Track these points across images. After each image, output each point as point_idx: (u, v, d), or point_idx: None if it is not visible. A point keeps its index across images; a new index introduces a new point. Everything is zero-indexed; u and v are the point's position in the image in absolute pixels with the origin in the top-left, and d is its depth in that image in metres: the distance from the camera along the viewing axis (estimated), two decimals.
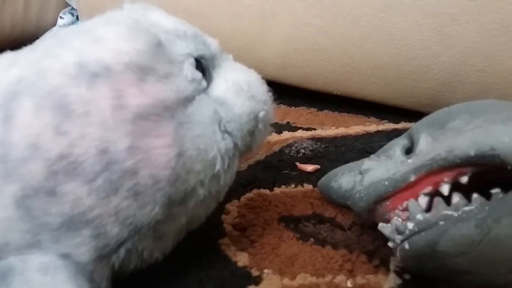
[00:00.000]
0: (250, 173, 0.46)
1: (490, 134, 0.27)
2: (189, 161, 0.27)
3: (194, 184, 0.28)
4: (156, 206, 0.26)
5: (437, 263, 0.27)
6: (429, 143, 0.31)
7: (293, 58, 0.66)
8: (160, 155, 0.26)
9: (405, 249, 0.28)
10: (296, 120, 0.62)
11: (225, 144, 0.29)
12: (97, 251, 0.25)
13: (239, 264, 0.33)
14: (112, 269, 0.27)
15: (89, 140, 0.24)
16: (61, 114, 0.24)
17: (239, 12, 0.67)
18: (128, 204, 0.25)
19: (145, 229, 0.27)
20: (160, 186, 0.26)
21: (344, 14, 0.59)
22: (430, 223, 0.27)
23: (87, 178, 0.24)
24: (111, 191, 0.25)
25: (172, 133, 0.26)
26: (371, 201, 0.33)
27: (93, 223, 0.25)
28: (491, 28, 0.51)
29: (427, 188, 0.30)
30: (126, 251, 0.27)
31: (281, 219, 0.39)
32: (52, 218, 0.24)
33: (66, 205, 0.24)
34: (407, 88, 0.59)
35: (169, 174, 0.26)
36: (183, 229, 0.30)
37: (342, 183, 0.39)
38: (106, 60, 0.26)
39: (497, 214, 0.25)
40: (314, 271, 0.33)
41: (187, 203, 0.28)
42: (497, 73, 0.52)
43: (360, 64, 0.61)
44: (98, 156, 0.24)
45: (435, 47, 0.54)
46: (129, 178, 0.25)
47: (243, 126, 0.30)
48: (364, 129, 0.59)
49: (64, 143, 0.24)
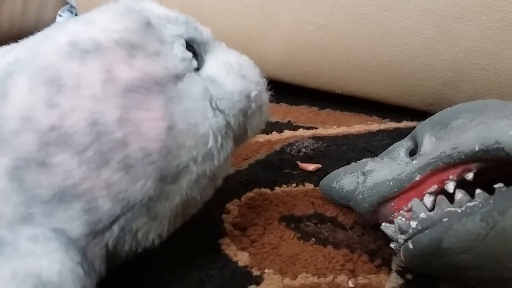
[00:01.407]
0: (251, 172, 0.46)
1: (494, 128, 0.27)
2: (180, 136, 0.27)
3: (186, 161, 0.28)
4: (148, 181, 0.26)
5: (443, 261, 0.27)
6: (433, 143, 0.31)
7: (295, 57, 0.65)
8: (150, 127, 0.26)
9: (409, 248, 0.28)
10: (297, 119, 0.62)
11: (217, 121, 0.29)
12: (89, 226, 0.25)
13: (240, 263, 0.33)
14: (106, 249, 0.27)
15: (79, 112, 0.25)
16: (53, 88, 0.25)
17: (241, 10, 0.67)
18: (120, 178, 0.25)
19: (138, 206, 0.27)
20: (151, 159, 0.26)
21: (346, 12, 0.58)
22: (434, 220, 0.27)
23: (77, 149, 0.25)
24: (102, 162, 0.25)
25: (161, 106, 0.27)
26: (375, 202, 0.32)
27: (84, 196, 0.25)
28: (494, 27, 0.50)
29: (432, 187, 0.30)
30: (120, 228, 0.27)
31: (282, 218, 0.39)
32: (43, 190, 0.25)
33: (58, 177, 0.25)
34: (410, 87, 0.59)
35: (160, 147, 0.26)
36: (179, 211, 0.30)
37: (344, 184, 0.38)
38: (97, 38, 0.27)
39: (502, 206, 0.25)
40: (316, 271, 0.33)
41: (180, 181, 0.28)
42: (499, 71, 0.52)
43: (362, 62, 0.60)
44: (88, 128, 0.25)
45: (438, 46, 0.54)
46: (119, 150, 0.25)
47: (235, 105, 0.30)
48: (366, 128, 0.58)
49: (55, 115, 0.25)
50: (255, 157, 0.50)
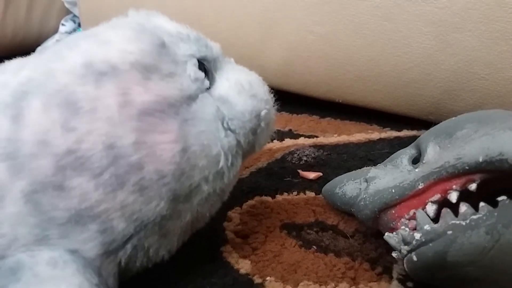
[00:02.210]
0: (252, 180, 0.46)
1: (498, 140, 0.27)
2: (193, 157, 0.27)
3: (198, 180, 0.28)
4: (162, 201, 0.27)
5: (447, 273, 0.27)
6: (437, 152, 0.31)
7: (296, 66, 0.66)
8: (165, 150, 0.26)
9: (413, 260, 0.28)
10: (298, 128, 0.62)
11: (228, 141, 0.30)
12: (104, 246, 0.26)
13: (242, 271, 0.33)
14: (119, 266, 0.27)
15: (96, 136, 0.25)
16: (69, 111, 0.25)
17: (242, 20, 0.67)
18: (134, 199, 0.26)
19: (151, 225, 0.27)
20: (165, 181, 0.26)
21: (347, 22, 0.59)
22: (438, 233, 0.27)
23: (94, 172, 0.25)
24: (118, 185, 0.25)
25: (176, 129, 0.27)
26: (376, 208, 0.33)
27: (100, 218, 0.25)
28: (493, 37, 0.51)
29: (435, 196, 0.30)
30: (133, 247, 0.27)
31: (283, 226, 0.39)
32: (60, 213, 0.25)
33: (74, 200, 0.25)
34: (410, 96, 0.59)
35: (174, 169, 0.27)
36: (188, 227, 0.30)
37: (346, 190, 0.39)
38: (112, 60, 0.27)
39: (507, 219, 0.25)
40: (317, 278, 0.33)
41: (192, 199, 0.28)
42: (498, 81, 0.52)
43: (363, 71, 0.61)
44: (105, 151, 0.25)
45: (437, 55, 0.54)
46: (135, 173, 0.26)
47: (245, 124, 0.31)
48: (367, 136, 0.59)
49: (72, 139, 0.25)
50: (256, 166, 0.50)
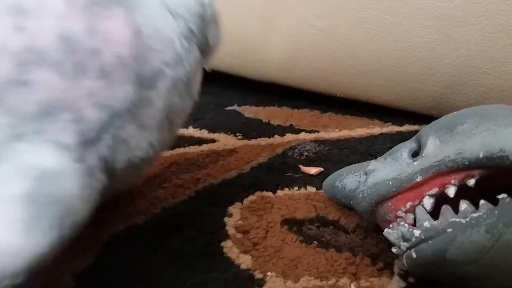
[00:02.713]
0: (253, 176, 0.46)
1: (499, 137, 0.27)
2: (147, 40, 0.29)
3: (159, 65, 0.30)
4: (128, 85, 0.28)
5: (447, 271, 0.27)
6: (437, 146, 0.31)
7: (297, 60, 0.66)
8: (118, 34, 0.28)
9: (412, 257, 0.28)
10: (299, 123, 0.62)
11: (178, 25, 0.32)
12: (80, 135, 0.27)
13: (242, 266, 0.33)
14: (103, 160, 0.28)
15: (48, 31, 0.27)
16: (18, 14, 0.27)
17: (243, 14, 0.67)
18: (100, 85, 0.27)
19: (124, 113, 0.28)
20: (125, 62, 0.28)
21: (348, 16, 0.59)
22: (438, 230, 0.27)
23: (54, 63, 0.26)
24: (80, 72, 0.27)
25: (123, 14, 0.29)
26: (373, 201, 0.33)
27: (70, 107, 0.26)
28: (496, 31, 0.51)
29: (433, 189, 0.29)
30: (112, 138, 0.28)
31: (284, 221, 0.39)
32: (29, 107, 0.26)
33: (40, 93, 0.26)
34: (411, 90, 0.59)
35: (131, 51, 0.28)
36: (164, 119, 0.31)
37: (346, 183, 0.39)
38: None
39: (507, 217, 0.25)
40: (318, 274, 0.33)
41: (157, 85, 0.30)
42: (501, 75, 0.52)
43: (364, 66, 0.60)
44: (60, 42, 0.27)
45: (440, 49, 0.54)
46: (94, 58, 0.27)
47: (191, 10, 0.32)
48: (368, 131, 0.59)
49: (27, 37, 0.26)
50: (257, 161, 0.50)
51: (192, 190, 0.43)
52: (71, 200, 0.24)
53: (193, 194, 0.43)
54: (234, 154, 0.51)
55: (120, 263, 0.33)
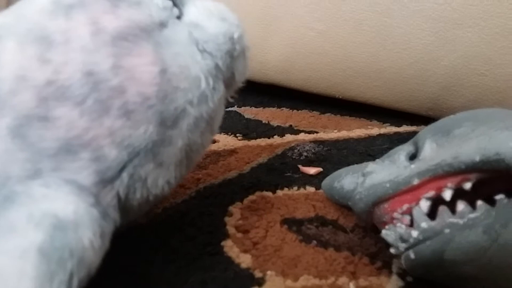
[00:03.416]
0: (253, 176, 0.47)
1: (495, 140, 0.27)
2: (173, 79, 0.28)
3: (183, 103, 0.29)
4: (150, 125, 0.27)
5: (445, 272, 0.27)
6: (434, 150, 0.31)
7: (296, 62, 0.66)
8: (144, 72, 0.27)
9: (410, 258, 0.28)
10: (299, 123, 0.62)
11: (206, 63, 0.30)
12: (98, 174, 0.26)
13: (242, 265, 0.34)
14: (118, 197, 0.27)
15: (73, 65, 0.26)
16: (43, 45, 0.26)
17: (242, 16, 0.67)
18: (122, 124, 0.26)
19: (144, 152, 0.27)
20: (150, 103, 0.27)
21: (347, 18, 0.59)
22: (435, 231, 0.27)
23: (76, 100, 0.25)
24: (103, 111, 0.26)
25: (151, 51, 0.28)
26: (370, 202, 0.33)
27: (90, 145, 0.25)
28: (493, 33, 0.51)
29: (429, 192, 0.30)
30: (129, 176, 0.27)
31: (283, 221, 0.39)
32: (48, 143, 0.25)
33: (61, 129, 0.25)
34: (409, 92, 0.59)
35: (157, 90, 0.27)
36: (183, 156, 0.30)
37: (344, 183, 0.39)
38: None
39: (505, 219, 0.25)
40: (317, 273, 0.33)
41: (180, 124, 0.29)
42: (498, 77, 0.52)
43: (363, 67, 0.61)
44: (84, 78, 0.26)
45: (437, 51, 0.54)
46: (117, 97, 0.26)
47: (220, 46, 0.31)
48: (366, 132, 0.59)
49: (50, 70, 0.25)
50: (257, 161, 0.50)
51: (193, 190, 0.44)
52: (85, 252, 0.23)
53: (193, 194, 0.43)
54: (234, 154, 0.52)
55: (121, 263, 0.33)
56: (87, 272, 0.23)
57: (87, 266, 0.23)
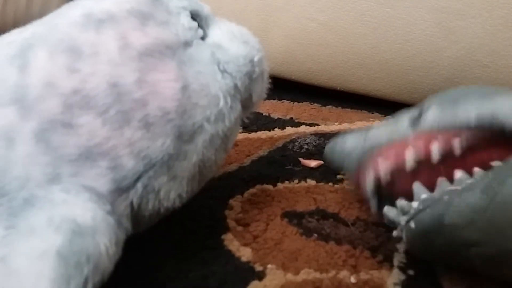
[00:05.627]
0: (253, 169, 0.47)
1: (493, 102, 0.28)
2: (194, 96, 0.29)
3: (201, 120, 0.30)
4: (168, 138, 0.28)
5: (445, 238, 0.27)
6: (436, 114, 0.32)
7: (297, 54, 0.66)
8: (166, 87, 0.28)
9: (411, 228, 0.28)
10: (300, 116, 0.62)
11: (226, 83, 0.32)
12: (115, 183, 0.27)
13: (243, 259, 0.34)
14: (131, 207, 0.28)
15: (99, 76, 0.27)
16: (73, 56, 0.27)
17: (243, 7, 0.67)
18: (141, 136, 0.27)
19: (159, 164, 0.28)
20: (169, 117, 0.28)
21: (348, 9, 0.58)
22: (435, 199, 0.28)
23: (100, 110, 0.27)
24: (124, 122, 0.27)
25: (175, 68, 0.29)
26: (365, 150, 0.34)
27: (109, 154, 0.27)
28: (496, 24, 0.51)
29: (419, 142, 0.31)
30: (143, 187, 0.28)
31: (284, 214, 0.39)
32: (70, 150, 0.26)
33: (83, 137, 0.26)
34: (411, 84, 0.59)
35: (177, 105, 0.29)
36: (196, 171, 0.31)
37: (346, 143, 0.39)
38: (110, 9, 0.30)
39: (501, 176, 0.25)
40: (318, 266, 0.33)
41: (196, 139, 0.30)
42: (501, 68, 0.52)
43: (364, 59, 0.60)
44: (109, 89, 0.27)
45: (440, 42, 0.54)
46: (139, 109, 0.27)
47: (240, 68, 0.33)
48: (368, 124, 0.59)
49: (77, 79, 0.27)
50: (257, 154, 0.50)
51: None
52: (101, 258, 0.24)
53: None
54: (234, 147, 0.52)
55: (121, 256, 0.33)
56: (101, 277, 0.24)
57: (101, 272, 0.24)
